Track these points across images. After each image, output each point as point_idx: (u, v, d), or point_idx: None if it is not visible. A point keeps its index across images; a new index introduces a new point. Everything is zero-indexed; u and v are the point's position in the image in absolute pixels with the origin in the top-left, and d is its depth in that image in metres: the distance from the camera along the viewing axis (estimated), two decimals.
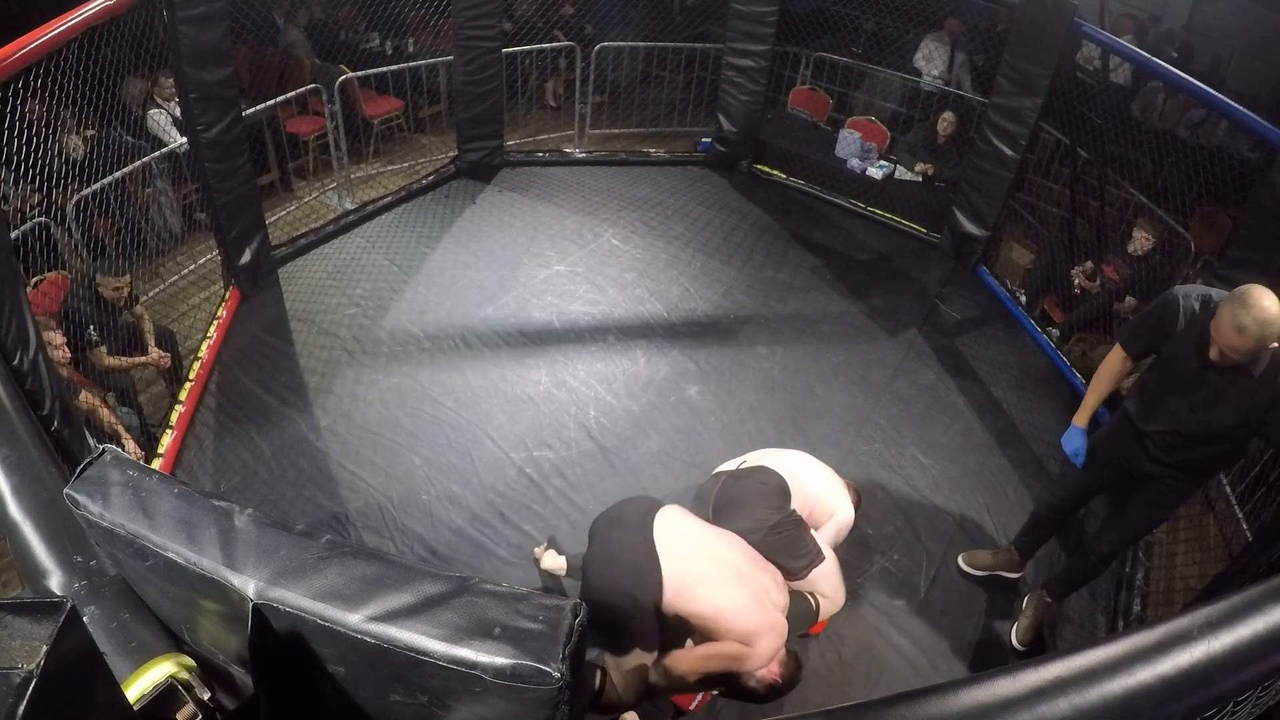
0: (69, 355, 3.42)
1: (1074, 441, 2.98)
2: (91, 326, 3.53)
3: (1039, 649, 3.25)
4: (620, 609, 2.43)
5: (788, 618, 2.55)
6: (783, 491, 2.75)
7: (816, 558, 2.70)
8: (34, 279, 3.60)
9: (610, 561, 2.48)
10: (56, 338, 3.30)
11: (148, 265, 4.79)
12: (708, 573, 2.43)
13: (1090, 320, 4.75)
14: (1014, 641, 3.27)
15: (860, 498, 3.15)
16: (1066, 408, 4.46)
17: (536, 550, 3.28)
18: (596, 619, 2.43)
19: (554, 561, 3.15)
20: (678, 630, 2.56)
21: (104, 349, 3.59)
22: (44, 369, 2.55)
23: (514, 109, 6.67)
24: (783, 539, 2.65)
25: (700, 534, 2.55)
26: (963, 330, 4.98)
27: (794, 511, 2.73)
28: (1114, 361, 2.83)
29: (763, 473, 2.80)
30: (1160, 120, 6.56)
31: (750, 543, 2.61)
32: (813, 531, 2.79)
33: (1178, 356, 2.60)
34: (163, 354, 3.87)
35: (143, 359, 3.78)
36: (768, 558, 2.61)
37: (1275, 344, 2.35)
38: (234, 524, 1.01)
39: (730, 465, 2.97)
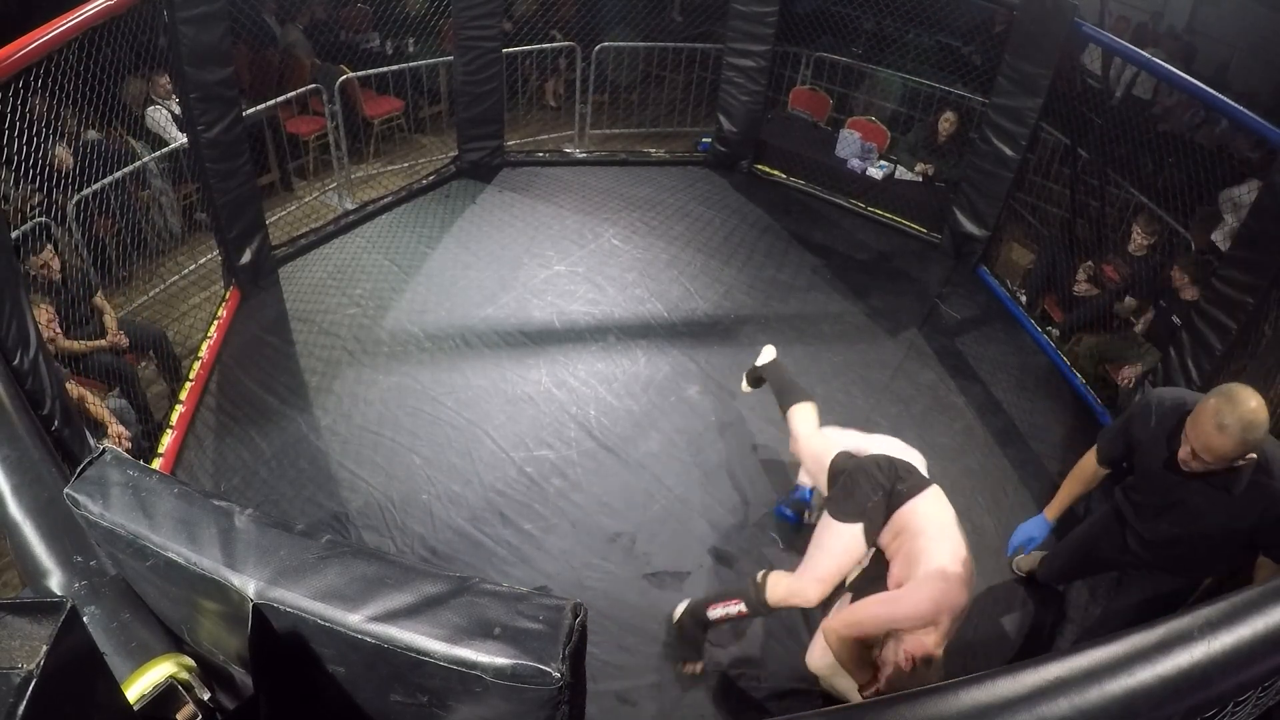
0: (59, 332, 3.44)
1: (1026, 534, 2.85)
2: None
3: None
4: (866, 493, 2.64)
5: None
6: None
7: None
8: None
9: (891, 455, 2.73)
10: (43, 314, 3.32)
11: (148, 265, 4.79)
12: (948, 534, 2.53)
13: (1090, 320, 4.75)
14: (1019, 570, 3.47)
15: None
16: (1067, 408, 4.47)
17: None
18: (835, 495, 2.75)
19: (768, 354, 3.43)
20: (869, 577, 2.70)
21: (59, 332, 3.56)
22: (44, 369, 2.55)
23: (514, 109, 6.67)
24: None
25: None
26: (963, 330, 4.98)
27: None
28: (1087, 465, 2.71)
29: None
30: (1162, 121, 6.56)
31: None
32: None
33: (1148, 463, 2.46)
34: (120, 334, 3.81)
35: (102, 342, 3.75)
36: None
37: (1253, 456, 2.18)
38: (234, 524, 1.01)
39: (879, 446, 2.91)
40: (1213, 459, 2.17)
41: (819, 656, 2.74)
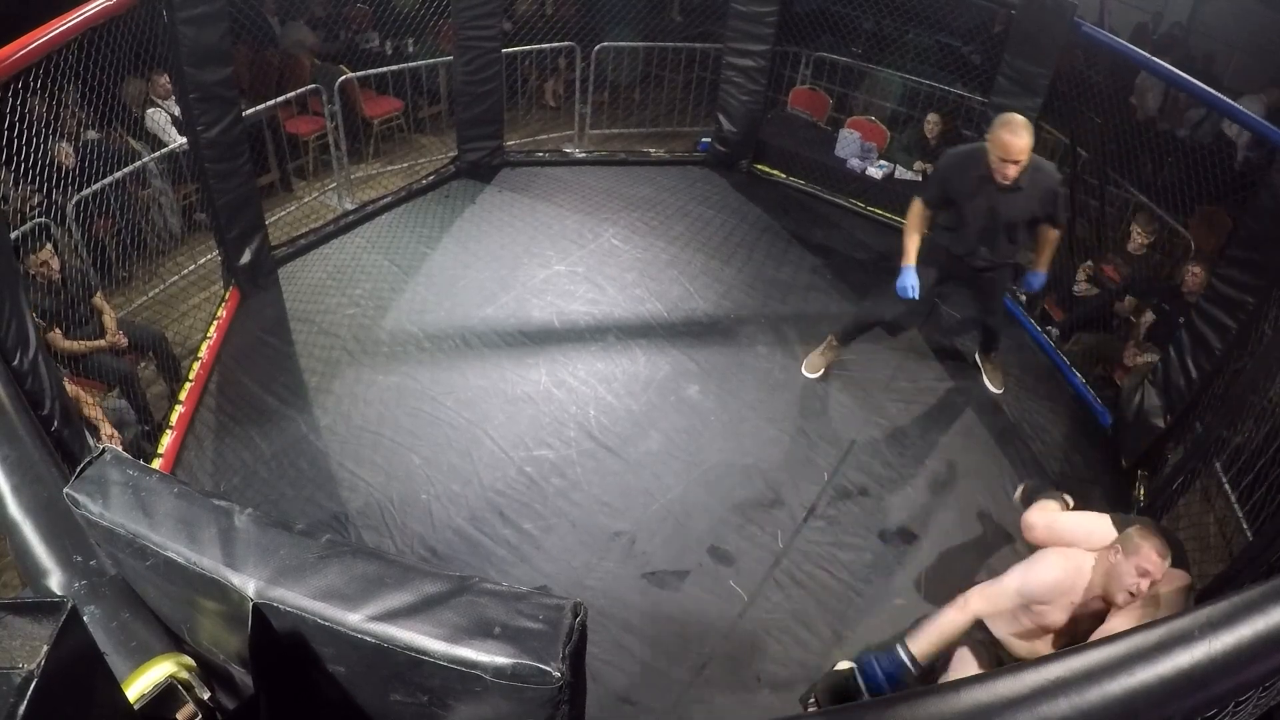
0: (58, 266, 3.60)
1: (910, 278, 3.73)
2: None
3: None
4: None
5: None
6: None
7: None
8: None
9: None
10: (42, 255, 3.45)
11: (147, 265, 4.79)
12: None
13: (1090, 320, 4.75)
14: (992, 389, 4.43)
15: None
16: (1067, 408, 4.47)
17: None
18: None
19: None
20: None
21: (58, 332, 3.57)
22: (44, 369, 2.55)
23: (514, 109, 6.67)
24: None
25: None
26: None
27: None
28: (916, 211, 3.76)
29: None
30: (1161, 120, 6.56)
31: None
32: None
33: (963, 194, 3.57)
34: (120, 334, 3.81)
35: (101, 342, 3.75)
36: None
37: (1033, 155, 3.37)
38: (234, 524, 1.01)
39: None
40: (1020, 156, 3.32)
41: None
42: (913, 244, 3.74)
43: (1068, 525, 2.91)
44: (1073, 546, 2.75)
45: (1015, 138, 3.29)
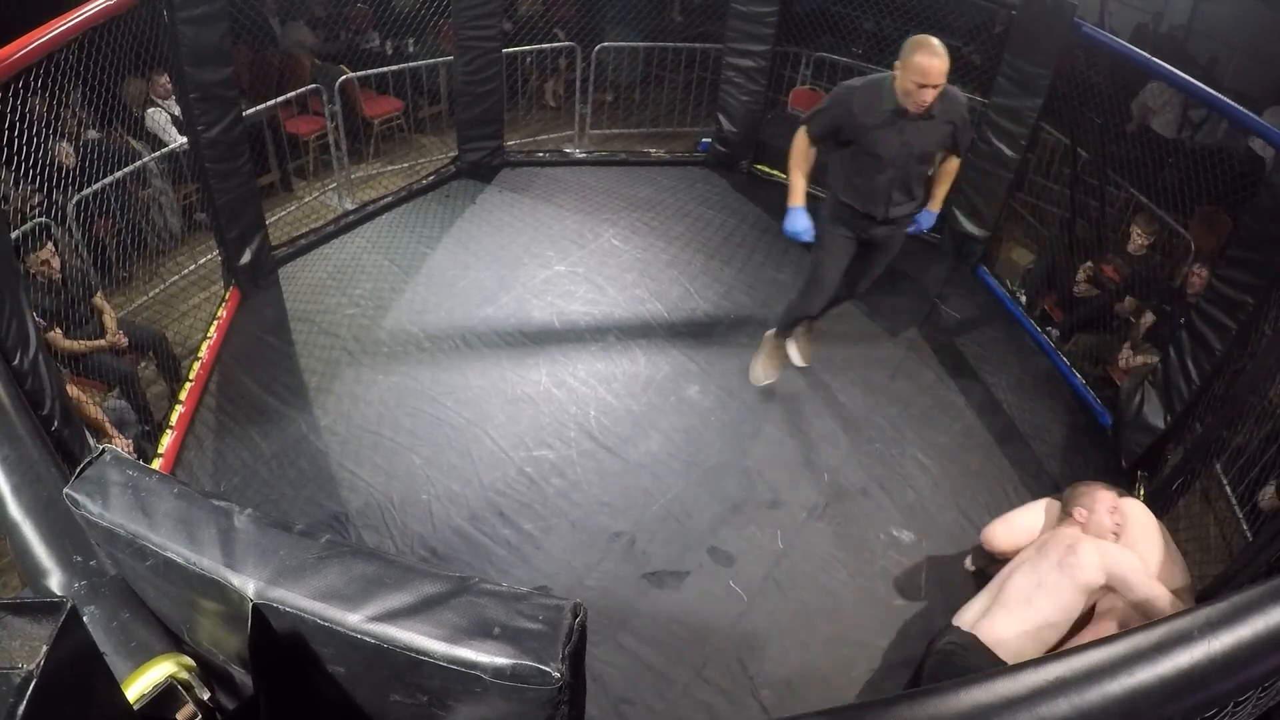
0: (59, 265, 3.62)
1: (801, 221, 3.45)
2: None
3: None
4: None
5: None
6: None
7: None
8: None
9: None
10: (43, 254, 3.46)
11: (148, 265, 4.79)
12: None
13: (1090, 320, 4.75)
14: (800, 361, 4.29)
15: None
16: (1067, 408, 4.47)
17: None
18: None
19: None
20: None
21: (58, 332, 3.57)
22: (44, 369, 2.55)
23: (514, 109, 6.67)
24: None
25: None
26: (963, 330, 4.98)
27: None
28: (801, 144, 3.40)
29: None
30: (1160, 122, 6.56)
31: None
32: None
33: (868, 125, 3.22)
34: (120, 334, 3.81)
35: (102, 342, 3.75)
36: None
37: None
38: (234, 524, 1.01)
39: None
40: (941, 80, 3.02)
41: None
42: (800, 182, 3.44)
43: (1020, 518, 3.24)
44: (1033, 535, 3.13)
45: (936, 59, 2.98)
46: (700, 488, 3.75)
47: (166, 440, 3.71)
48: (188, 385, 4.00)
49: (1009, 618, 2.79)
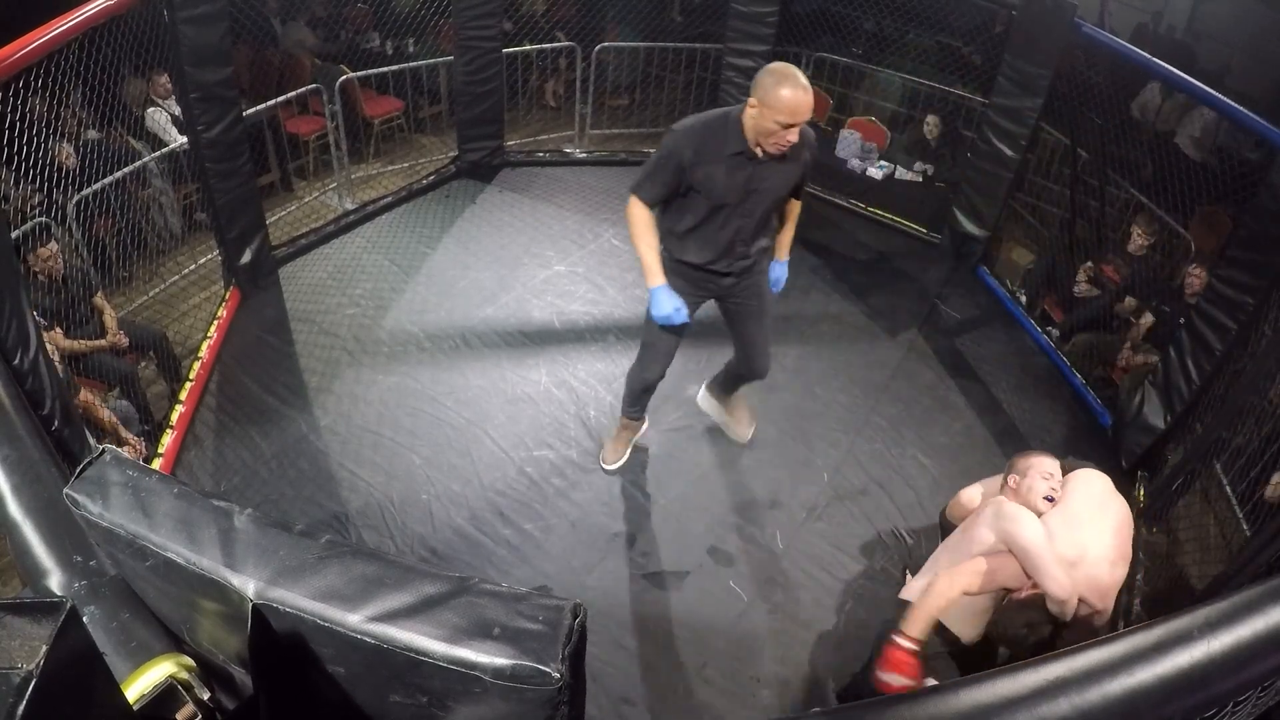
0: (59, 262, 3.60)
1: (668, 301, 2.95)
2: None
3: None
4: None
5: None
6: None
7: None
8: None
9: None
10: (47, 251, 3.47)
11: (148, 265, 4.79)
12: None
13: (1090, 320, 4.75)
14: (740, 436, 3.89)
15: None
16: (1067, 408, 4.47)
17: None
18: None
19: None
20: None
21: (59, 331, 3.57)
22: (44, 369, 2.55)
23: (514, 109, 6.67)
24: None
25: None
26: (963, 330, 4.98)
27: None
28: (640, 215, 2.90)
29: None
30: (1160, 122, 6.56)
31: None
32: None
33: (712, 174, 2.74)
34: (120, 334, 3.81)
35: (102, 342, 3.75)
36: None
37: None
38: (234, 524, 1.01)
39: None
40: (809, 114, 2.56)
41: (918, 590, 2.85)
42: (651, 258, 2.94)
43: (967, 491, 3.20)
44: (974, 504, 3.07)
45: (806, 93, 2.51)
46: (700, 488, 3.75)
47: (166, 440, 3.71)
48: (188, 385, 4.00)
49: (920, 579, 2.90)
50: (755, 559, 3.46)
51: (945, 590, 2.65)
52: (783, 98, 2.49)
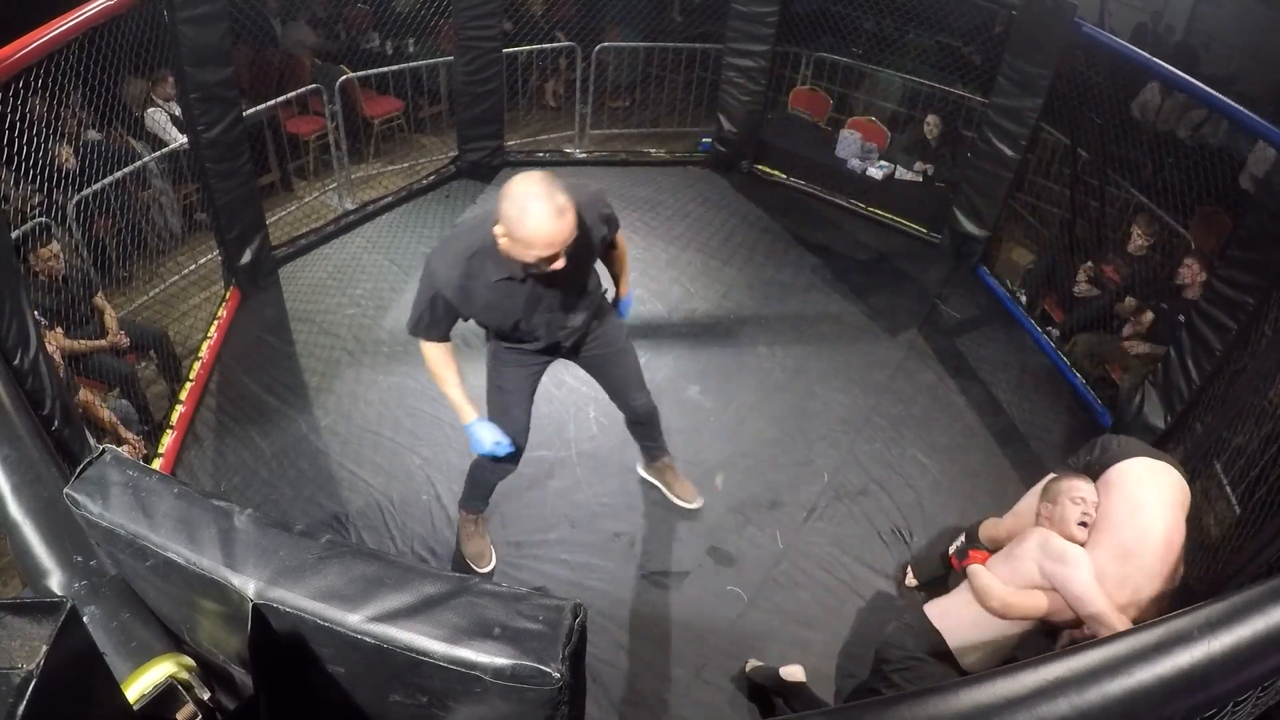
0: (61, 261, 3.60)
1: (487, 434, 2.78)
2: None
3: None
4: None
5: None
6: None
7: None
8: None
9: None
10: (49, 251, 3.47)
11: (148, 265, 4.79)
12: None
13: (1090, 320, 4.75)
14: (685, 503, 3.59)
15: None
16: (1067, 408, 4.47)
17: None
18: None
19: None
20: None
21: (60, 330, 3.57)
22: (44, 369, 2.55)
23: (514, 109, 6.67)
24: None
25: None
26: (963, 330, 4.98)
27: None
28: (435, 355, 2.74)
29: None
30: (1160, 122, 6.56)
31: None
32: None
33: (496, 301, 2.54)
34: (120, 334, 3.81)
35: (102, 342, 3.75)
36: None
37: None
38: (234, 524, 1.01)
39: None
40: (570, 236, 2.17)
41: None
42: (456, 394, 2.76)
43: (1023, 505, 3.11)
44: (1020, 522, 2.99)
45: (560, 221, 2.12)
46: (700, 488, 3.75)
47: (166, 440, 3.71)
48: (188, 385, 4.00)
49: (954, 600, 2.73)
50: (755, 559, 3.46)
51: (1015, 602, 2.56)
52: (530, 232, 2.11)
